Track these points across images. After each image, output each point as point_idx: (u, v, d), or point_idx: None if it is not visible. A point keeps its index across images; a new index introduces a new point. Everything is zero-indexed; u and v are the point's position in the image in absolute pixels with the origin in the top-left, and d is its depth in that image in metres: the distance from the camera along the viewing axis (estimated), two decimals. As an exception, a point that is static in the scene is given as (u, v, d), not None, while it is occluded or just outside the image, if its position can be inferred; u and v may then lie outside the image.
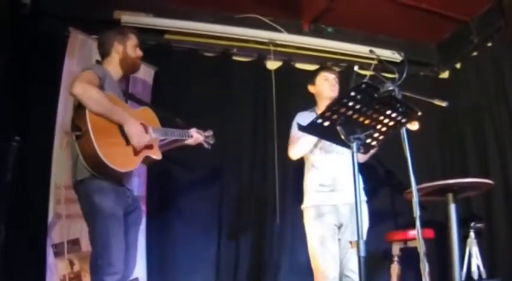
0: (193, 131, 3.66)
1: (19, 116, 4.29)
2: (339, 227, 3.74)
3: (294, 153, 3.90)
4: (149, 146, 3.20)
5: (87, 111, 2.85)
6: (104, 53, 3.37)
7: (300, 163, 3.96)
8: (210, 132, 3.89)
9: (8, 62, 4.20)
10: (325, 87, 3.96)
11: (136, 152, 3.08)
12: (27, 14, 4.58)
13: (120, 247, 2.92)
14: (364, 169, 3.91)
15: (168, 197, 4.82)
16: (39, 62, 4.48)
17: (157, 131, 3.32)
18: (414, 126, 3.46)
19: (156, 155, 3.28)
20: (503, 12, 5.14)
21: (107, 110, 2.94)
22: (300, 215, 3.94)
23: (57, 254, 3.90)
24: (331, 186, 3.75)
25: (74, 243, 3.97)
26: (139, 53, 3.43)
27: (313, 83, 4.05)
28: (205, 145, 3.84)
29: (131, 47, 3.37)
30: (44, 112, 4.16)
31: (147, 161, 3.27)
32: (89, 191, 2.92)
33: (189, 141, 3.64)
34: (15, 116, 4.25)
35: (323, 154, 3.84)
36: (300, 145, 3.84)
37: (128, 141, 3.04)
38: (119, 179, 3.05)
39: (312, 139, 3.77)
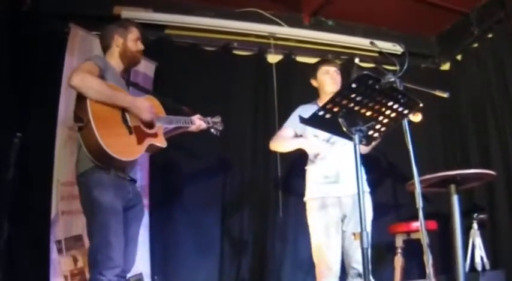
0: (195, 118, 3.62)
1: (21, 112, 4.29)
2: (342, 220, 3.75)
3: (271, 146, 4.02)
4: (154, 134, 3.20)
5: (88, 102, 2.85)
6: (105, 46, 3.36)
7: (302, 155, 3.96)
8: (217, 119, 3.84)
9: (8, 59, 4.19)
10: (327, 81, 3.95)
11: (140, 141, 3.09)
12: (27, 11, 4.58)
13: (119, 241, 2.92)
14: (366, 160, 3.92)
15: (170, 189, 4.83)
16: (40, 59, 4.46)
17: (162, 119, 3.32)
18: (417, 117, 3.45)
19: (161, 142, 3.27)
20: (503, 3, 5.14)
21: (109, 96, 2.94)
22: (302, 208, 3.94)
23: (61, 250, 3.91)
24: (334, 178, 3.75)
25: (77, 239, 3.98)
26: (140, 46, 3.40)
27: (315, 76, 4.05)
28: (214, 132, 3.81)
29: (132, 40, 3.35)
30: (46, 108, 4.16)
31: (152, 149, 3.26)
32: (89, 185, 2.93)
33: (192, 128, 3.60)
34: (16, 112, 4.25)
35: (326, 145, 3.83)
36: (280, 145, 3.98)
37: (130, 130, 3.04)
38: (122, 169, 3.05)
39: (290, 146, 3.88)
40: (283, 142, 3.91)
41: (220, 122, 3.86)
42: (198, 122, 3.62)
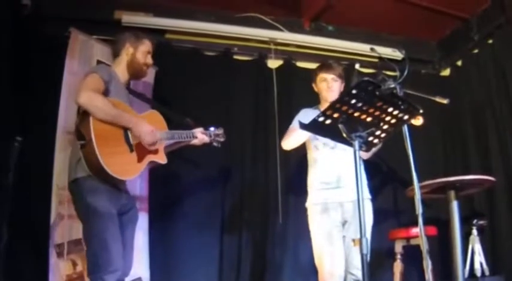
0: (197, 132, 3.62)
1: (21, 116, 4.28)
2: (343, 224, 3.74)
3: (285, 143, 3.93)
4: (154, 151, 3.22)
5: (90, 119, 2.87)
6: (116, 52, 3.40)
7: (302, 161, 3.96)
8: (220, 131, 3.85)
9: (9, 62, 4.19)
10: (323, 89, 3.95)
11: (140, 159, 3.11)
12: (28, 15, 4.58)
13: (117, 245, 2.95)
14: (366, 165, 3.92)
15: (170, 196, 4.82)
16: (40, 63, 4.46)
17: (164, 134, 3.33)
18: (418, 121, 3.45)
19: (162, 159, 3.30)
20: (503, 9, 5.14)
21: (114, 117, 2.97)
22: (302, 213, 3.93)
23: (60, 254, 3.90)
24: (335, 183, 3.74)
25: (76, 243, 3.97)
26: (149, 60, 3.43)
27: (314, 82, 4.05)
28: (215, 144, 3.81)
29: (142, 52, 3.38)
30: (46, 113, 4.17)
31: (151, 165, 3.30)
32: (83, 192, 2.96)
33: (194, 141, 3.61)
34: (16, 116, 4.24)
35: (327, 149, 3.83)
36: (294, 137, 3.85)
37: (131, 148, 3.06)
38: (119, 185, 3.09)
39: (302, 135, 3.79)
40: (294, 133, 3.82)
41: (222, 134, 3.86)
42: (200, 136, 3.63)
